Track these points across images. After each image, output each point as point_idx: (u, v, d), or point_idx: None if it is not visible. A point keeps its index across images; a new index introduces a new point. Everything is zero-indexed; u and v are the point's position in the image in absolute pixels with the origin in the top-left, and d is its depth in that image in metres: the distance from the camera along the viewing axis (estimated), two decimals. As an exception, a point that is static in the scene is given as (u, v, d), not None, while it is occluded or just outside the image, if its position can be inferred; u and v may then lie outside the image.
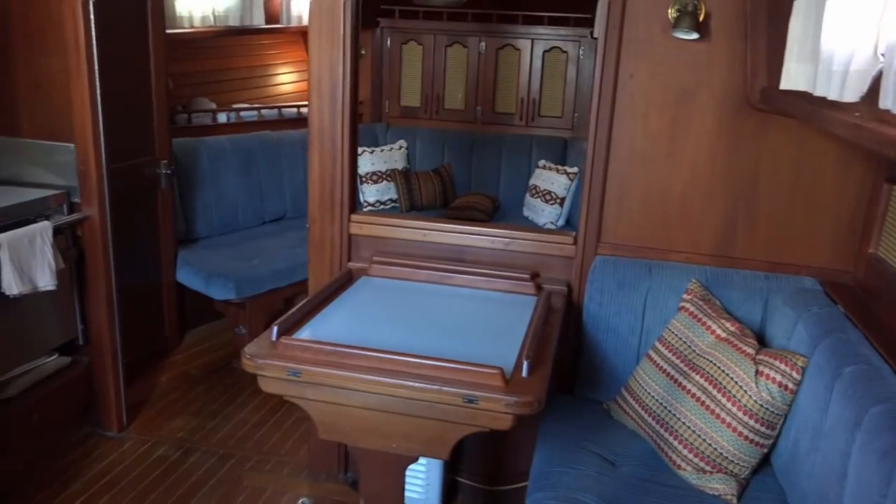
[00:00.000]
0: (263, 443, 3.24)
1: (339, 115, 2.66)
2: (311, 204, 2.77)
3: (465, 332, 2.27)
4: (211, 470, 3.01)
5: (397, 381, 1.86)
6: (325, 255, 2.79)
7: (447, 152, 5.34)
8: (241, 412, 3.48)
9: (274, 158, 4.61)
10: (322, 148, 2.70)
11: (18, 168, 2.98)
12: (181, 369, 3.81)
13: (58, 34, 2.79)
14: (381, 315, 2.35)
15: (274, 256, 4.01)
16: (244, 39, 4.93)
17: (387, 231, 2.74)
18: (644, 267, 2.54)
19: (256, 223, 4.52)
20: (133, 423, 3.31)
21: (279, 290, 3.93)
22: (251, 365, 1.96)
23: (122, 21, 3.25)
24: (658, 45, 2.43)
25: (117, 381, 3.18)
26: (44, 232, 2.73)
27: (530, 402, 1.82)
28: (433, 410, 1.87)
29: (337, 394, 1.93)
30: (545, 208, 4.80)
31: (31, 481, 2.85)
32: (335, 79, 2.63)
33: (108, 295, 3.06)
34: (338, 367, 1.90)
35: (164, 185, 3.67)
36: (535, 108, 5.26)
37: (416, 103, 5.42)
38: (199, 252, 3.98)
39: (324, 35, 2.60)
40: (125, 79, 3.30)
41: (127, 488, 2.86)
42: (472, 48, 5.27)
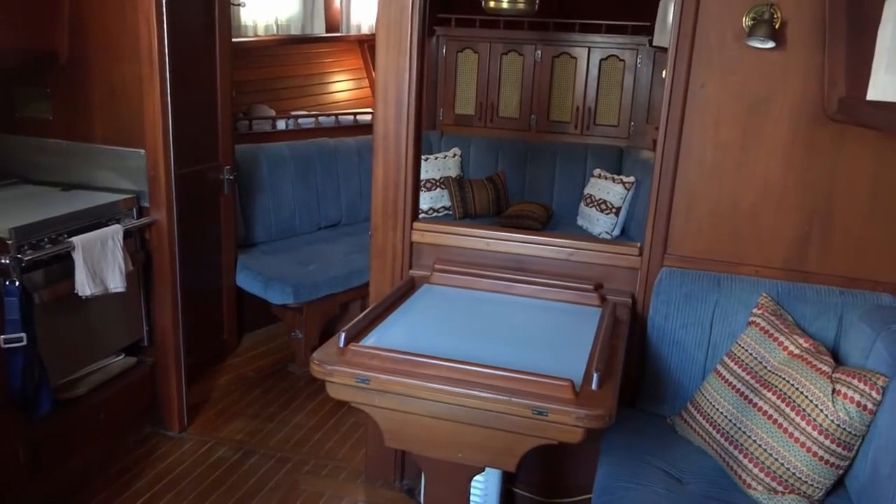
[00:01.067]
0: (320, 447, 3.26)
1: (403, 124, 2.67)
2: (374, 212, 2.78)
3: (530, 342, 2.25)
4: (269, 473, 3.05)
5: (466, 390, 1.85)
6: (387, 262, 2.80)
7: (501, 160, 5.33)
8: (298, 416, 3.51)
9: (330, 165, 4.66)
10: (386, 156, 2.71)
11: (91, 172, 3.07)
12: (239, 372, 3.86)
13: (132, 43, 2.87)
14: (445, 324, 2.35)
15: (330, 262, 4.05)
16: (303, 48, 5.00)
17: (449, 239, 2.74)
18: (712, 280, 2.49)
19: (313, 229, 4.57)
20: (193, 423, 3.36)
21: (335, 296, 3.96)
22: (320, 371, 1.97)
23: (191, 30, 3.32)
24: (731, 54, 2.38)
25: (179, 383, 3.24)
26: (115, 235, 2.81)
27: (602, 415, 1.79)
28: (501, 421, 1.86)
29: (404, 402, 1.93)
30: (600, 217, 4.75)
31: (97, 478, 2.91)
32: (401, 87, 2.64)
33: (172, 298, 3.12)
34: (406, 376, 1.90)
35: (227, 191, 3.74)
36: (590, 116, 5.22)
37: (471, 111, 5.42)
38: (257, 257, 4.04)
39: (391, 44, 2.62)
40: (193, 86, 3.37)
41: (188, 488, 2.91)
42: (527, 56, 5.26)
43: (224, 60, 3.60)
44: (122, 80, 2.94)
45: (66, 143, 3.07)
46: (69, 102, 3.04)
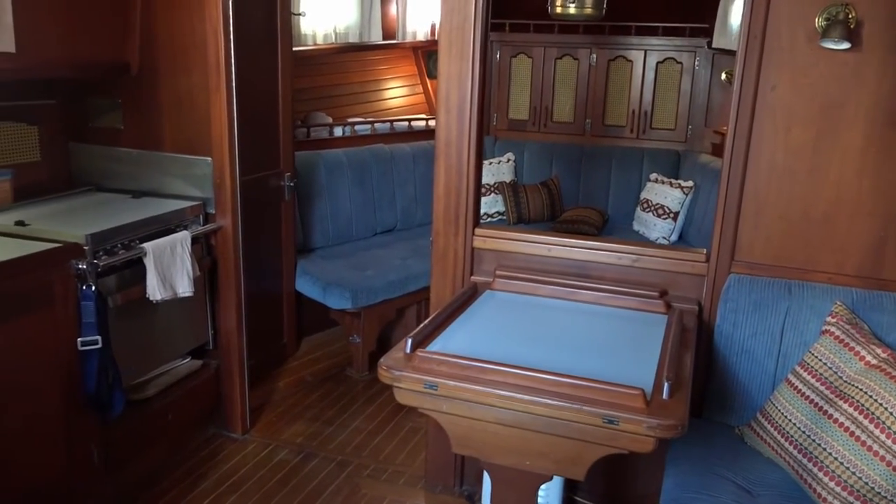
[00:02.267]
0: (379, 451, 3.28)
1: (465, 130, 2.68)
2: (436, 217, 2.79)
3: (595, 349, 2.23)
4: (330, 476, 3.08)
5: (534, 398, 1.85)
6: (448, 268, 2.81)
7: (555, 165, 5.30)
8: (356, 420, 3.55)
9: (386, 171, 4.70)
10: (448, 162, 2.73)
11: (160, 180, 3.15)
12: (298, 375, 3.92)
13: (200, 54, 2.94)
14: (510, 330, 2.34)
15: (387, 267, 4.08)
16: (359, 55, 5.06)
17: (510, 245, 2.73)
18: (783, 287, 2.43)
19: (368, 234, 4.61)
20: (255, 425, 3.43)
21: (392, 301, 3.99)
22: (388, 376, 1.99)
23: (254, 40, 3.39)
24: (803, 56, 2.32)
25: (243, 385, 3.30)
26: (183, 241, 2.88)
27: (674, 425, 1.76)
28: (570, 429, 1.85)
29: (472, 408, 1.93)
30: (657, 223, 4.69)
31: (165, 478, 2.99)
32: (463, 94, 2.65)
33: (237, 302, 3.19)
34: (474, 382, 1.90)
35: (287, 197, 3.81)
36: (646, 120, 5.16)
37: (525, 116, 5.41)
38: (316, 262, 4.09)
39: (453, 51, 2.63)
40: (256, 95, 3.44)
41: (252, 489, 2.96)
42: (582, 60, 5.22)
43: (285, 69, 3.66)
44: (189, 91, 3.02)
45: (137, 151, 3.17)
46: (139, 112, 3.14)
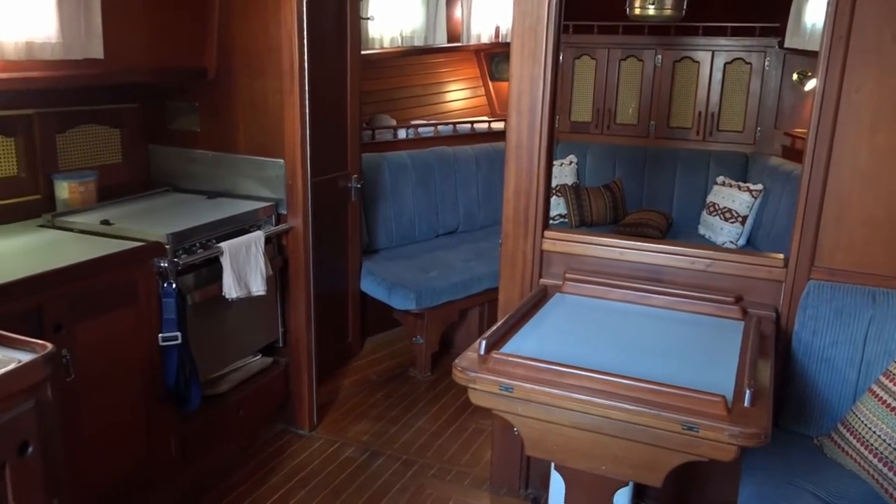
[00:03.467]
0: (443, 452, 3.30)
1: (536, 132, 2.68)
2: (505, 219, 2.80)
3: (670, 354, 2.20)
4: (395, 475, 3.11)
5: (612, 402, 1.83)
6: (517, 270, 2.81)
7: (618, 167, 5.25)
8: (420, 420, 3.57)
9: (449, 173, 4.72)
10: (518, 164, 2.73)
11: (234, 181, 3.24)
12: (362, 375, 3.97)
13: (274, 58, 3.01)
14: (582, 334, 2.33)
15: (450, 269, 4.10)
16: (422, 58, 5.10)
17: (580, 248, 2.72)
18: (866, 294, 2.35)
19: (431, 236, 4.64)
20: (321, 423, 3.49)
21: (455, 302, 4.01)
22: (463, 377, 2.00)
23: (325, 44, 3.45)
24: (890, 56, 2.25)
25: (311, 383, 3.36)
26: (257, 241, 2.95)
27: (757, 434, 1.73)
28: (648, 435, 1.83)
29: (548, 411, 1.93)
30: (724, 227, 4.59)
31: (237, 471, 3.07)
32: (535, 96, 2.65)
33: (306, 301, 3.25)
34: (551, 385, 1.90)
35: (354, 199, 3.86)
36: (713, 122, 5.06)
37: (587, 118, 5.37)
38: (380, 263, 4.14)
39: (525, 53, 2.63)
40: (325, 98, 3.50)
41: (320, 486, 3.01)
42: (647, 61, 5.16)
43: (354, 73, 3.72)
44: (263, 94, 3.10)
45: (212, 153, 3.26)
46: (215, 115, 3.23)
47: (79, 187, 2.95)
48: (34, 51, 2.42)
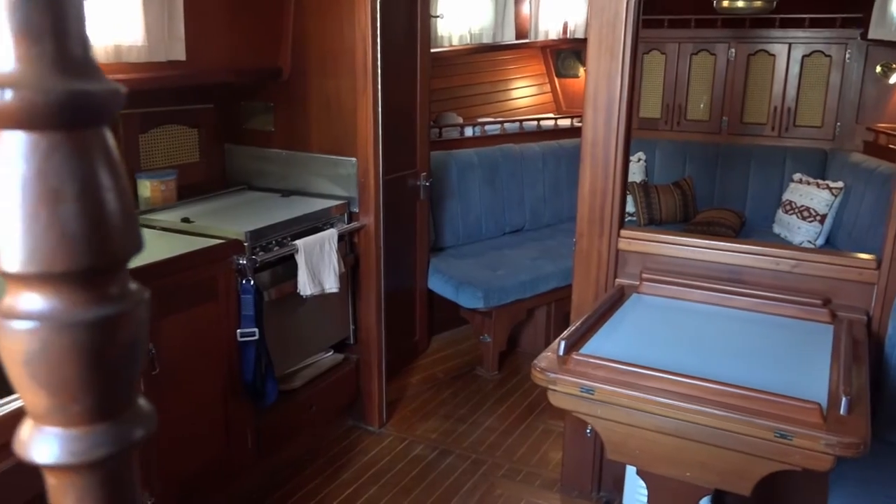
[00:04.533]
0: (513, 452, 3.28)
1: (613, 130, 2.63)
2: (580, 218, 2.76)
3: (757, 359, 2.12)
4: (465, 473, 3.10)
5: (699, 407, 1.78)
6: (592, 270, 2.77)
7: (689, 165, 5.13)
8: (488, 419, 3.56)
9: (515, 171, 4.69)
10: (594, 162, 2.68)
11: (307, 180, 3.28)
12: (429, 372, 3.98)
13: (349, 59, 3.04)
14: (662, 335, 2.28)
15: (517, 267, 4.07)
16: (489, 55, 5.08)
17: (658, 248, 2.66)
18: (968, 298, 2.23)
19: (497, 234, 4.62)
20: (390, 420, 3.51)
21: (523, 301, 3.98)
22: (543, 378, 1.98)
23: (396, 43, 3.46)
24: None
25: (380, 380, 3.39)
26: (331, 239, 2.98)
27: (855, 444, 1.65)
28: (736, 442, 1.77)
29: (630, 415, 1.89)
30: (801, 226, 4.44)
31: (309, 466, 3.11)
32: (612, 92, 2.60)
33: (377, 298, 3.27)
34: (633, 388, 1.86)
35: (423, 197, 3.87)
36: (789, 117, 4.89)
37: (656, 114, 5.25)
38: (447, 260, 4.14)
39: (603, 49, 2.58)
40: (396, 97, 3.51)
41: (391, 482, 3.03)
42: (720, 55, 5.02)
43: (423, 71, 3.73)
44: (337, 94, 3.13)
45: (286, 152, 3.31)
46: (289, 115, 3.28)
47: (160, 186, 3.03)
48: (122, 54, 2.50)
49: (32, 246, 0.37)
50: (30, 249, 0.37)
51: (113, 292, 0.39)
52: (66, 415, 0.40)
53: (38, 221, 0.36)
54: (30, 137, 0.36)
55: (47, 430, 0.40)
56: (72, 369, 0.38)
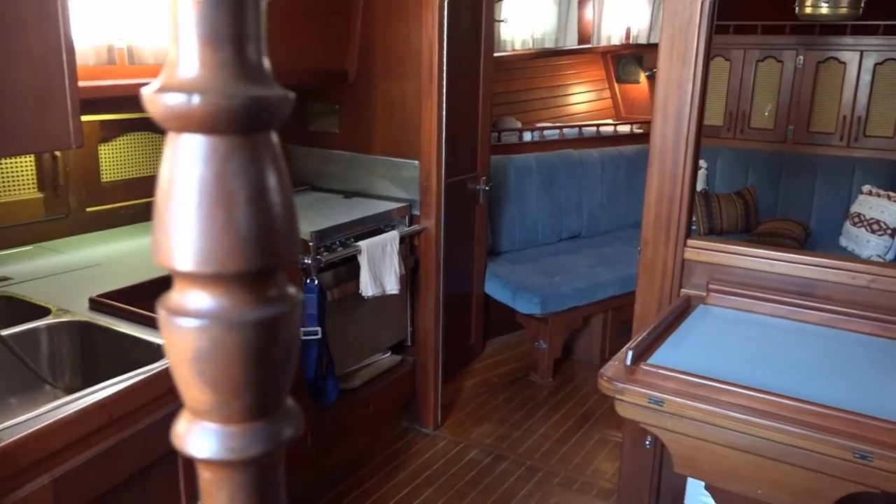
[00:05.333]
0: (568, 460, 3.25)
1: (683, 137, 2.59)
2: (646, 226, 2.72)
3: (832, 376, 2.06)
4: (520, 480, 3.09)
5: (773, 423, 1.74)
6: (656, 279, 2.72)
7: (751, 174, 5.01)
8: (543, 426, 3.54)
9: (573, 177, 4.66)
10: (662, 169, 2.64)
11: (369, 181, 3.32)
12: (484, 377, 3.97)
13: (414, 61, 3.06)
14: (732, 348, 2.23)
15: (574, 274, 4.04)
16: (549, 60, 5.06)
17: (726, 258, 2.60)
18: None
19: (553, 240, 4.59)
20: (445, 422, 3.51)
21: (579, 308, 3.95)
22: (610, 388, 1.95)
23: (460, 46, 3.48)
24: None
25: (436, 382, 3.40)
26: (392, 241, 3.00)
27: (942, 467, 1.59)
28: (811, 460, 1.72)
29: (700, 428, 1.85)
30: (871, 239, 4.30)
31: (364, 465, 3.13)
32: (682, 99, 2.56)
33: (435, 301, 3.29)
34: (705, 401, 1.82)
35: (482, 201, 3.87)
36: (859, 127, 4.74)
37: (719, 122, 5.15)
38: (504, 265, 4.13)
39: (674, 55, 2.55)
40: (459, 100, 3.53)
41: (446, 485, 3.03)
42: (787, 62, 4.89)
43: (486, 75, 3.73)
44: (402, 96, 3.15)
45: (349, 154, 3.35)
46: (354, 117, 3.32)
47: (227, 185, 3.09)
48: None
49: (208, 246, 0.37)
50: (205, 250, 0.37)
51: (275, 293, 0.40)
52: (227, 412, 0.41)
53: (215, 223, 0.37)
54: (210, 141, 0.37)
55: (206, 425, 0.41)
56: (237, 368, 0.39)
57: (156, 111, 0.38)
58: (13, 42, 1.26)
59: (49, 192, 2.54)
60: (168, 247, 0.38)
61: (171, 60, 0.38)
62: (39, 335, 1.83)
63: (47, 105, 1.31)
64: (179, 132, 0.38)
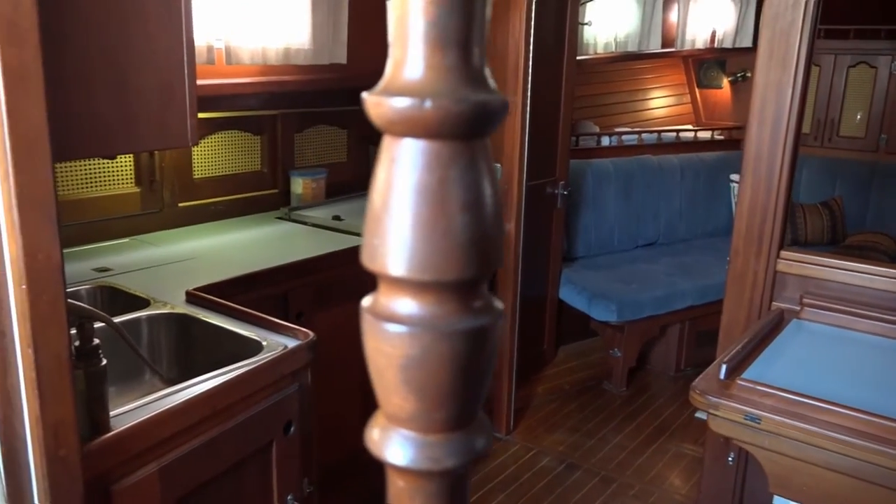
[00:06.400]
0: (643, 472, 3.18)
1: (780, 144, 2.50)
2: (736, 235, 2.63)
3: (941, 399, 1.95)
4: (594, 490, 3.04)
5: (880, 447, 1.65)
6: (745, 291, 2.64)
7: (839, 184, 4.82)
8: (617, 436, 3.47)
9: (651, 183, 4.56)
10: (756, 177, 2.56)
11: (449, 183, 3.31)
12: (556, 383, 3.93)
13: (500, 62, 3.05)
14: (831, 366, 2.14)
15: (652, 282, 3.96)
16: (630, 63, 4.97)
17: (822, 272, 2.50)
18: None
19: (630, 247, 4.51)
20: (517, 427, 3.49)
21: (657, 317, 3.87)
22: (702, 402, 1.90)
23: (545, 49, 3.44)
24: None
25: (510, 386, 3.37)
26: (472, 243, 2.99)
27: None
28: (920, 488, 1.63)
29: (799, 448, 1.78)
30: (971, 255, 4.07)
31: (437, 467, 3.13)
32: (781, 105, 2.47)
33: (512, 304, 3.27)
34: (804, 420, 1.75)
35: (560, 205, 3.83)
36: (960, 136, 4.50)
37: (805, 129, 4.94)
38: (579, 271, 4.08)
39: (773, 59, 2.46)
40: (541, 104, 3.49)
41: (518, 492, 3.01)
42: (881, 68, 4.69)
43: (569, 78, 3.69)
44: (485, 99, 3.14)
45: (430, 155, 3.35)
46: (436, 119, 3.32)
47: (311, 184, 3.15)
48: (290, 56, 2.61)
49: (427, 253, 0.37)
50: (423, 256, 0.37)
51: (483, 303, 0.39)
52: (428, 421, 0.40)
53: (436, 230, 0.37)
54: (434, 146, 0.37)
55: (405, 433, 0.41)
56: (445, 377, 0.39)
57: (380, 114, 0.37)
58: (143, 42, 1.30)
59: (145, 187, 2.63)
60: (383, 251, 0.38)
61: (396, 63, 0.37)
62: (141, 325, 1.89)
63: (169, 103, 1.35)
64: (401, 136, 0.37)
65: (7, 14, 0.95)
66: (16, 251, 1.06)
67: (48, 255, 1.07)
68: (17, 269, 1.07)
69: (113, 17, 1.23)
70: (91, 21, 1.21)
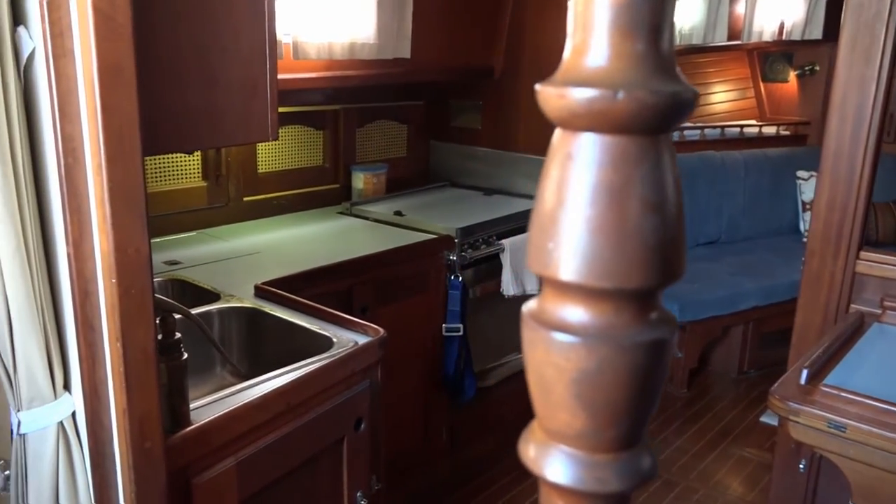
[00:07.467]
0: (707, 477, 3.10)
1: (861, 141, 2.39)
2: (812, 235, 2.54)
3: None
4: (658, 492, 2.97)
5: (979, 461, 1.57)
6: (822, 292, 2.53)
7: (913, 182, 4.61)
8: (679, 439, 3.39)
9: (714, 180, 4.44)
10: (835, 175, 2.45)
11: (510, 179, 3.28)
12: (614, 383, 3.86)
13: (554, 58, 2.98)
14: (917, 373, 2.04)
15: (715, 282, 3.85)
16: (692, 56, 4.85)
17: (905, 274, 2.39)
18: None
19: (690, 245, 4.39)
20: (575, 428, 3.43)
21: (719, 318, 3.76)
22: (783, 408, 1.82)
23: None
24: None
25: (569, 387, 3.32)
26: (534, 240, 2.95)
27: None
28: None
29: (888, 459, 1.69)
30: None
31: (495, 465, 3.10)
32: (863, 99, 2.36)
33: (573, 304, 3.21)
34: (894, 430, 1.67)
35: (621, 202, 3.75)
36: None
37: (878, 124, 4.76)
38: (639, 269, 3.99)
39: (856, 52, 2.35)
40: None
41: (578, 493, 2.95)
42: (961, 61, 4.46)
43: (632, 72, 3.61)
44: (547, 94, 3.09)
45: (492, 151, 3.32)
46: (497, 114, 3.29)
47: (372, 179, 3.15)
48: (355, 51, 2.60)
49: (607, 258, 0.34)
50: (604, 262, 0.34)
51: (659, 314, 0.36)
52: (598, 439, 0.37)
53: (620, 233, 0.33)
54: (621, 141, 0.34)
55: (570, 451, 0.38)
56: (620, 393, 0.36)
57: (560, 106, 0.34)
58: (230, 36, 1.30)
59: (212, 182, 2.66)
60: (556, 255, 0.35)
61: (576, 50, 0.34)
62: (213, 318, 1.90)
63: (252, 98, 1.35)
64: (581, 131, 0.34)
65: (103, 9, 0.95)
66: (107, 245, 1.07)
67: (137, 248, 1.08)
68: (108, 263, 1.08)
69: (201, 11, 1.23)
70: (181, 15, 1.21)
